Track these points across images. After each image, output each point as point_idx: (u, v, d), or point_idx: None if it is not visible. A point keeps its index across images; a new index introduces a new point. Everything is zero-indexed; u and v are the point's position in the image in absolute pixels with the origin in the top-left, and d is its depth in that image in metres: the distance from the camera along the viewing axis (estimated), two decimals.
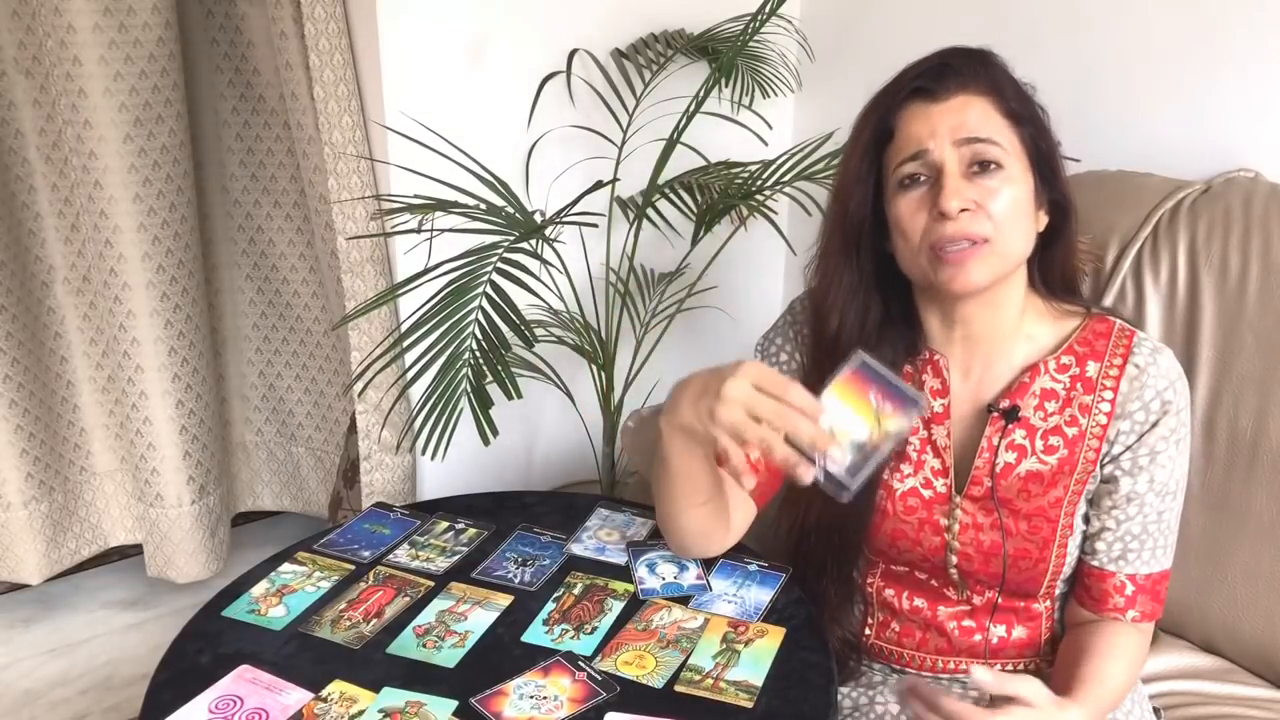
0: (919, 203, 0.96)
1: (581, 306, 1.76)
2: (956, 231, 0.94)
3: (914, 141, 0.96)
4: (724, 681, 0.96)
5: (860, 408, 0.86)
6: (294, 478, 2.21)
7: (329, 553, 1.17)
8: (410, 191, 1.54)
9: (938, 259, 0.96)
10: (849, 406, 0.86)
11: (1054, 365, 1.02)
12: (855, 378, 0.86)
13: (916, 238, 0.97)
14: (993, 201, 0.94)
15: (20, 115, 1.79)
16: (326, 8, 1.63)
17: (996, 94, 0.97)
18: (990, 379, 1.05)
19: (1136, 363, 1.00)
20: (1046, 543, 1.03)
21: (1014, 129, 0.97)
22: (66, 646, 2.00)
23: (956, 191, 0.94)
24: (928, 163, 0.96)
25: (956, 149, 0.95)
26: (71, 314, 1.92)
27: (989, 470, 1.03)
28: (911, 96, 0.97)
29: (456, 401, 1.29)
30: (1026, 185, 0.97)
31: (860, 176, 1.01)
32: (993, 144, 0.95)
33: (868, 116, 1.01)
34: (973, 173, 0.95)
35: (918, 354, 1.07)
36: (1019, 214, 0.96)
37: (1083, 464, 1.02)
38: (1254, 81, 1.37)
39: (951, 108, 0.95)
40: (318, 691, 0.94)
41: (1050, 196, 1.00)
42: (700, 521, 1.06)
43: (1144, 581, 1.03)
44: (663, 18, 1.84)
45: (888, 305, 1.05)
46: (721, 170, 1.78)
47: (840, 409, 0.85)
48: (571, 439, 1.99)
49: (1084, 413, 1.01)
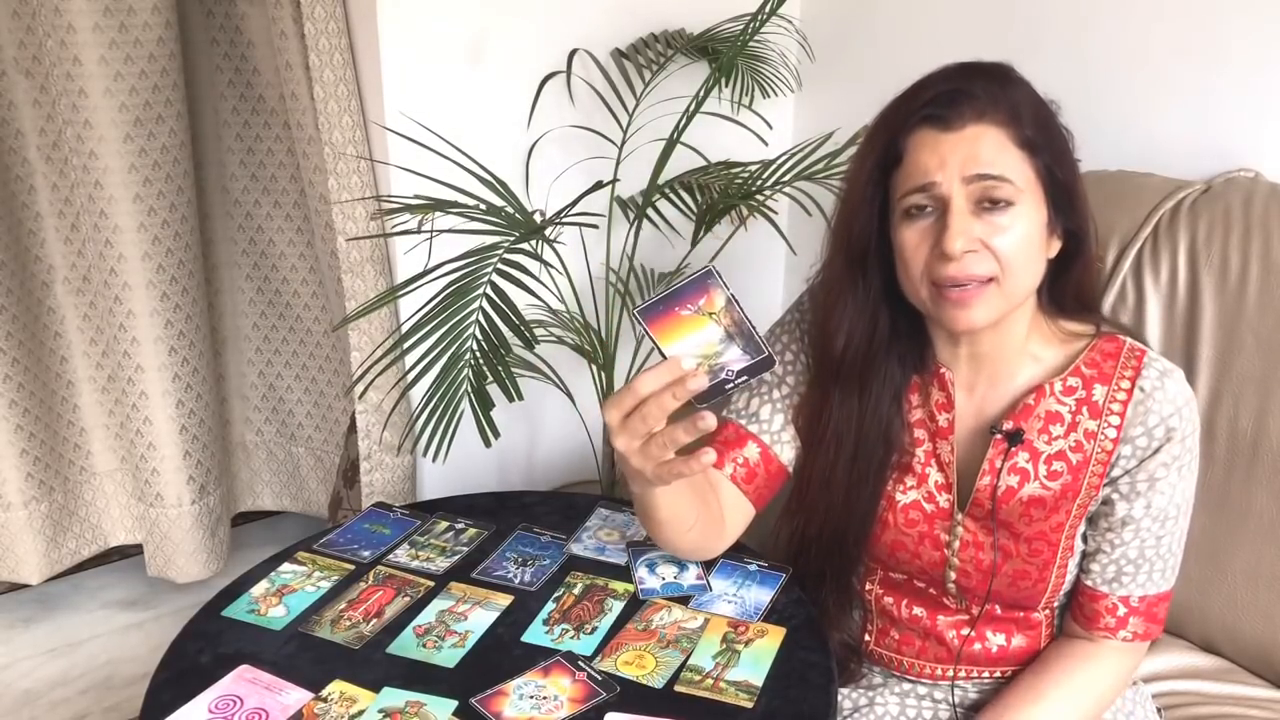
0: (923, 234, 0.93)
1: (581, 306, 1.76)
2: (959, 272, 0.91)
3: (921, 173, 0.92)
4: (724, 681, 0.96)
5: (689, 326, 0.83)
6: (294, 478, 2.21)
7: (329, 553, 1.17)
8: (410, 192, 1.54)
9: (940, 296, 0.93)
10: (684, 335, 0.83)
11: (1060, 387, 1.00)
12: (656, 320, 0.83)
13: (918, 270, 0.94)
14: (1000, 239, 0.91)
15: (20, 115, 1.79)
16: (326, 8, 1.63)
17: (1012, 122, 0.92)
18: (995, 397, 1.02)
19: (1143, 386, 0.97)
20: (1046, 564, 1.02)
21: (1029, 159, 0.92)
22: (66, 646, 2.00)
23: (962, 231, 0.90)
24: (935, 195, 0.92)
25: (965, 185, 0.91)
26: (71, 314, 1.92)
27: (990, 493, 1.01)
28: (922, 123, 0.93)
29: (457, 403, 1.29)
30: (1039, 218, 0.94)
31: (866, 198, 0.98)
32: (1004, 181, 0.91)
33: (875, 136, 0.97)
34: (981, 209, 0.91)
35: (926, 369, 1.04)
36: (1028, 251, 0.93)
37: (1086, 489, 1.00)
38: (1254, 81, 1.37)
39: (964, 138, 0.91)
40: (318, 691, 0.94)
41: (1065, 225, 0.97)
42: (693, 541, 1.05)
43: (1138, 604, 1.02)
44: (663, 18, 1.84)
45: (895, 320, 1.02)
46: (721, 170, 1.78)
47: (683, 343, 0.83)
48: (571, 439, 1.99)
49: (1089, 438, 0.99)
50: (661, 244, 1.85)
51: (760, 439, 1.08)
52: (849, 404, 1.03)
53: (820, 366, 1.06)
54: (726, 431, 1.09)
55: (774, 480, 1.10)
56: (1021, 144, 0.92)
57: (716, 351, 0.83)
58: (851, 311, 1.01)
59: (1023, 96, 0.94)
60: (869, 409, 1.03)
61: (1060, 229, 0.97)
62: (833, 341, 1.02)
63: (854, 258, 1.00)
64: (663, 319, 0.83)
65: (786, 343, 1.11)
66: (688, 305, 0.83)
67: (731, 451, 1.08)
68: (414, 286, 1.34)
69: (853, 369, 1.02)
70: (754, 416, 1.09)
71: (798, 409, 1.08)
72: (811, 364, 1.08)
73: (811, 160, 1.65)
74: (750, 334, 0.82)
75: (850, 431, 1.04)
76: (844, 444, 1.04)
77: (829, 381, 1.04)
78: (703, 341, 0.83)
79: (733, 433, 1.09)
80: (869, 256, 0.99)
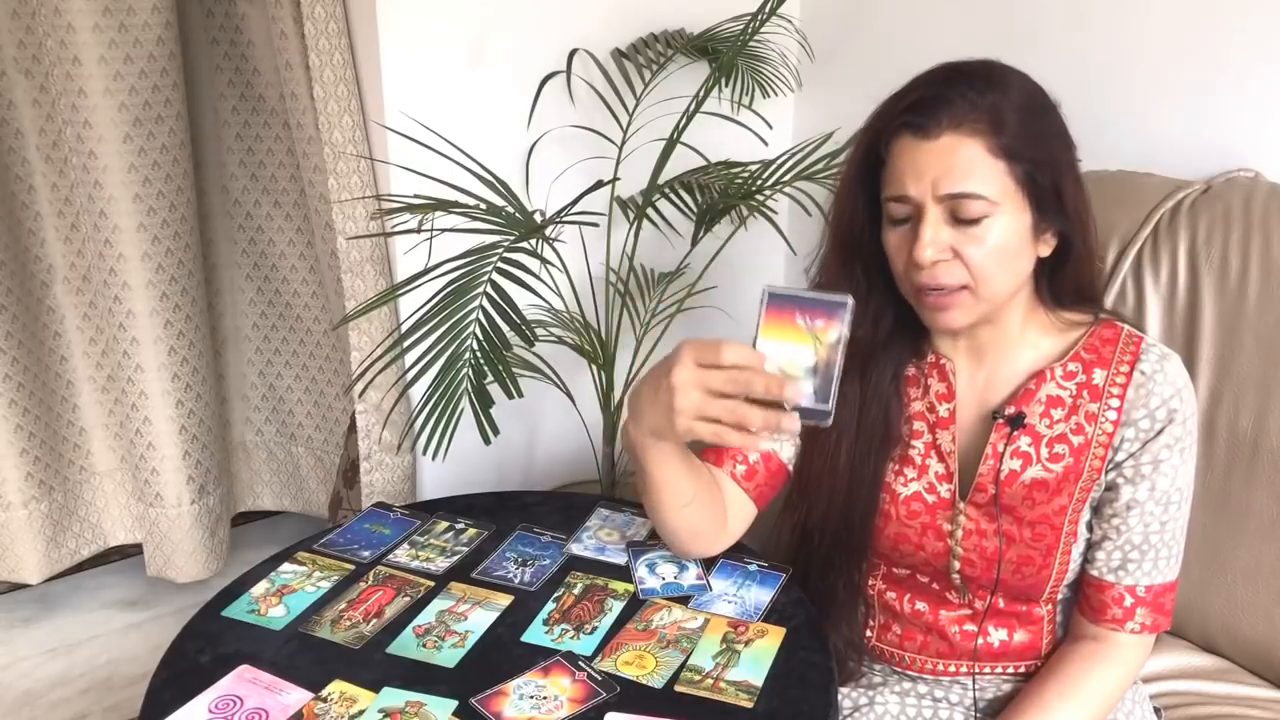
0: (902, 239, 0.96)
1: (581, 306, 1.76)
2: (930, 280, 0.94)
3: (899, 183, 0.94)
4: (724, 681, 0.96)
5: (794, 336, 0.83)
6: (294, 477, 2.21)
7: (329, 553, 1.17)
8: (410, 191, 1.54)
9: (919, 298, 0.97)
10: (784, 341, 0.83)
11: (1060, 372, 1.02)
12: (774, 312, 0.83)
13: (900, 272, 0.98)
14: (972, 249, 0.93)
15: (20, 115, 1.79)
16: (326, 8, 1.63)
17: (992, 131, 0.91)
18: (996, 385, 1.04)
19: (1143, 369, 0.99)
20: (1050, 550, 1.03)
21: (1008, 167, 0.92)
22: (66, 646, 2.00)
23: (932, 241, 0.93)
24: (911, 204, 0.94)
25: (937, 202, 0.93)
26: (71, 313, 1.92)
27: (993, 477, 1.03)
28: (901, 129, 0.94)
29: (457, 401, 1.29)
30: (1019, 224, 0.94)
31: (855, 196, 1.01)
32: (976, 199, 0.91)
33: (861, 140, 1.00)
34: (955, 219, 0.93)
35: (924, 358, 1.06)
36: (1001, 259, 0.94)
37: (1088, 471, 1.01)
38: (1254, 81, 1.37)
39: (939, 149, 0.92)
40: (318, 691, 0.94)
41: (1056, 225, 0.97)
42: (689, 521, 1.05)
43: (1145, 594, 1.02)
44: (663, 18, 1.84)
45: (891, 310, 1.04)
46: (721, 170, 1.78)
47: (778, 347, 0.83)
48: (571, 439, 2.00)
49: (1090, 420, 1.01)
50: (661, 244, 1.85)
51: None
52: (851, 390, 1.04)
53: None
54: None
55: (774, 479, 1.10)
56: (1000, 152, 0.92)
57: (795, 375, 0.83)
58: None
59: (1007, 100, 0.93)
60: (870, 393, 1.05)
61: (1052, 229, 0.97)
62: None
63: (848, 251, 1.03)
64: (780, 314, 0.83)
65: None
66: (808, 317, 0.83)
67: (731, 450, 1.08)
68: (414, 286, 1.34)
69: (854, 357, 1.03)
70: None
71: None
72: None
73: (811, 160, 1.65)
74: (831, 381, 0.83)
75: (852, 416, 1.05)
76: (846, 428, 1.05)
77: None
78: (793, 358, 0.83)
79: None
80: (863, 250, 1.02)
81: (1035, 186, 0.94)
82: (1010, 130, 0.92)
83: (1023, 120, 0.93)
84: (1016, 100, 0.94)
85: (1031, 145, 0.93)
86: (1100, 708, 1.03)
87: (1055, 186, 0.95)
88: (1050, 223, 0.97)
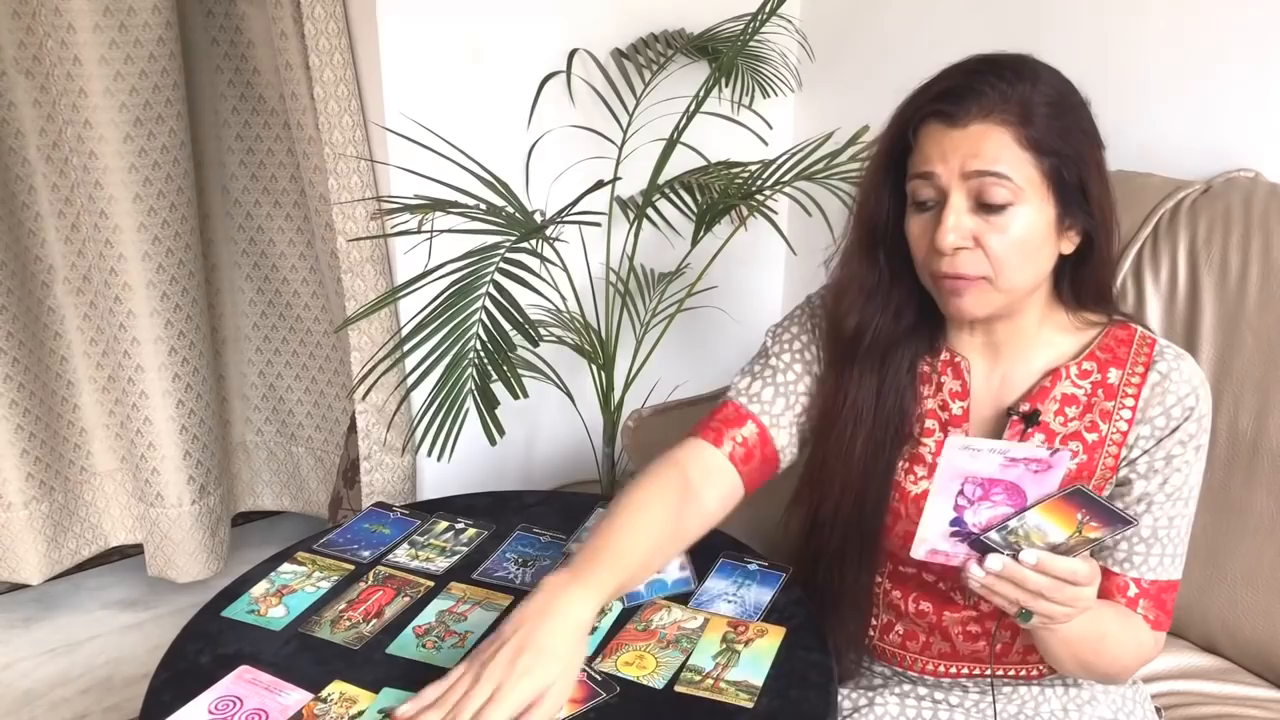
0: (925, 226, 0.96)
1: (581, 306, 1.76)
2: (950, 268, 0.94)
3: (925, 161, 0.94)
4: (724, 681, 0.96)
5: (1063, 522, 0.86)
6: (294, 478, 2.21)
7: (329, 553, 1.17)
8: (410, 192, 1.54)
9: (938, 285, 0.97)
10: (1051, 519, 0.86)
11: (1075, 371, 1.01)
12: (1064, 503, 0.86)
13: (921, 259, 0.98)
14: (994, 238, 0.92)
15: (20, 115, 1.79)
16: (326, 8, 1.63)
17: (1022, 122, 0.91)
18: (1011, 383, 1.04)
19: (1160, 369, 0.99)
20: None
21: (1035, 160, 0.92)
22: (66, 646, 2.00)
23: (955, 227, 0.92)
24: (936, 186, 0.94)
25: (964, 181, 0.92)
26: (71, 314, 1.92)
27: None
28: (931, 117, 0.94)
29: (462, 402, 1.29)
30: (1043, 217, 0.94)
31: (881, 183, 1.00)
32: (1003, 181, 0.91)
33: (890, 125, 1.00)
34: (979, 206, 0.93)
35: (938, 355, 1.06)
36: (1025, 251, 0.94)
37: (1101, 470, 1.01)
38: (1254, 81, 1.37)
39: (968, 136, 0.92)
40: (318, 692, 0.94)
41: (1080, 223, 0.97)
42: (668, 558, 1.08)
43: (1149, 587, 1.02)
44: (663, 18, 1.84)
45: (910, 301, 1.04)
46: (721, 170, 1.78)
47: (1041, 520, 0.86)
48: (571, 439, 2.00)
49: (1105, 418, 1.00)
50: (661, 244, 1.85)
51: (760, 419, 1.09)
52: (869, 380, 1.05)
53: (838, 345, 1.08)
54: (726, 410, 1.10)
55: (767, 465, 1.10)
56: (1027, 144, 0.92)
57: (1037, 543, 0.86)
58: (867, 291, 1.04)
59: (1038, 93, 0.93)
60: (888, 384, 1.05)
61: (1076, 226, 0.97)
62: (847, 319, 1.05)
63: (872, 240, 1.03)
64: (1070, 506, 0.86)
65: (796, 333, 1.12)
66: (1089, 516, 0.86)
67: (731, 430, 1.08)
68: (416, 287, 1.34)
69: (874, 347, 1.04)
70: (755, 397, 1.10)
71: (810, 396, 1.10)
72: (825, 348, 1.10)
73: (811, 160, 1.65)
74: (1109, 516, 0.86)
75: (869, 406, 1.05)
76: (862, 418, 1.05)
77: (847, 361, 1.06)
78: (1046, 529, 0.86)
79: (733, 412, 1.09)
80: (886, 239, 1.02)
81: (1061, 181, 0.94)
82: (1039, 123, 0.92)
83: (1052, 114, 0.93)
84: (1047, 94, 0.94)
85: (1059, 140, 0.93)
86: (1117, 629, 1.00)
87: (1081, 183, 0.95)
88: (1074, 219, 0.96)
